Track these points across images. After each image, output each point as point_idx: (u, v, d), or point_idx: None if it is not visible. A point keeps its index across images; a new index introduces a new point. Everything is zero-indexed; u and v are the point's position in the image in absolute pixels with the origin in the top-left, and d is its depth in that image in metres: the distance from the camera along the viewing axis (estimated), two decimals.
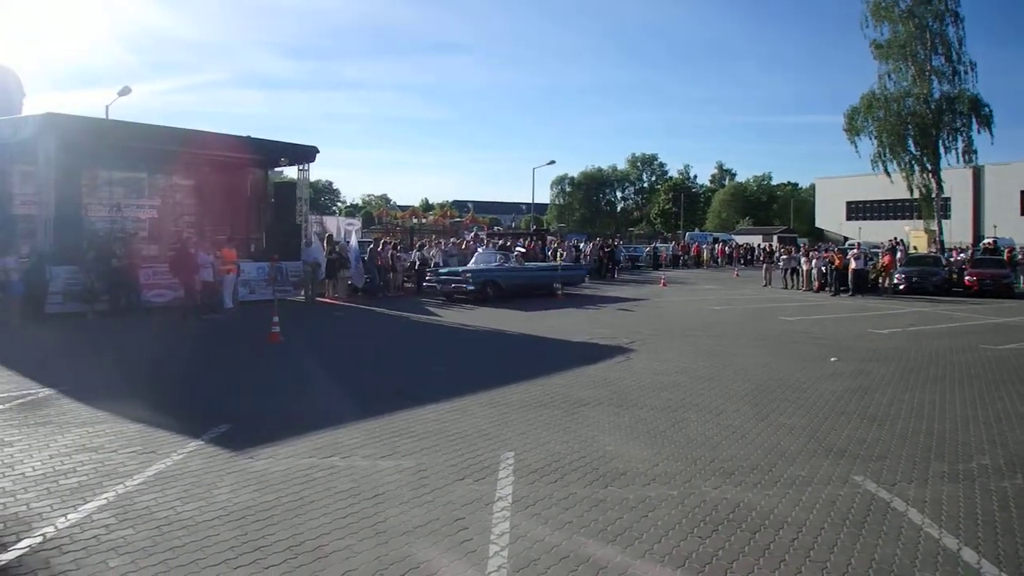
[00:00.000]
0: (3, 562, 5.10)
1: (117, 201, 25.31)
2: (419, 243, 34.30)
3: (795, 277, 33.30)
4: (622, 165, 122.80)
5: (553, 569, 5.13)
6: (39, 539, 5.46)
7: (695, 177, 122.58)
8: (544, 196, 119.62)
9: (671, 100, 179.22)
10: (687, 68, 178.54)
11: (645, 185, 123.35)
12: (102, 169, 24.67)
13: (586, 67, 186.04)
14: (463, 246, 32.72)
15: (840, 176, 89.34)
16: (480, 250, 30.59)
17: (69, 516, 5.90)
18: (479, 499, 6.44)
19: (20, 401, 9.88)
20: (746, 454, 7.89)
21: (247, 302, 21.61)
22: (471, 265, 26.95)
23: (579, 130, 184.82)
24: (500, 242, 35.33)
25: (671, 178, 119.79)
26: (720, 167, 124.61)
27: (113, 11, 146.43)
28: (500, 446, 8.03)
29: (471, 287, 24.78)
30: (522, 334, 17.21)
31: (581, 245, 43.48)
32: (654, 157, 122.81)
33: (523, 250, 33.31)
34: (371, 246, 28.58)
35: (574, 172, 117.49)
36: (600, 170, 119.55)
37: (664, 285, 33.88)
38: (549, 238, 46.43)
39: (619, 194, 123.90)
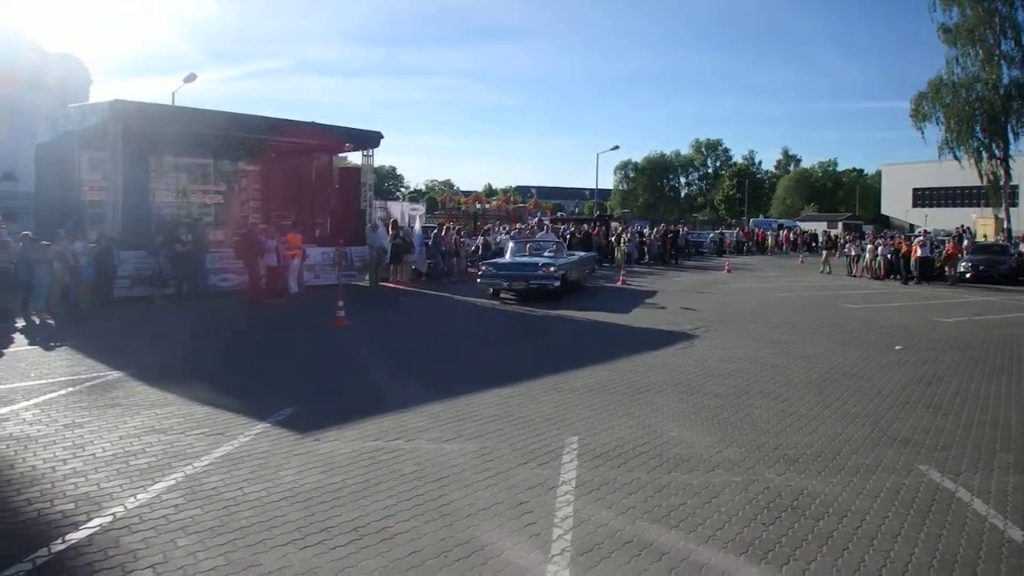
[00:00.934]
0: (74, 540, 5.16)
1: (183, 187, 25.78)
2: (483, 228, 34.25)
3: (859, 264, 32.63)
4: (686, 150, 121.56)
5: (616, 553, 5.08)
6: (109, 518, 5.52)
7: (760, 163, 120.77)
8: (608, 182, 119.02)
9: (736, 85, 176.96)
10: (753, 53, 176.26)
11: (709, 171, 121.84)
12: (168, 155, 25.14)
13: (652, 51, 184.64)
14: (527, 231, 32.55)
15: (907, 163, 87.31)
16: (540, 234, 30.38)
17: (138, 496, 5.96)
18: (543, 483, 6.39)
19: (90, 383, 10.05)
20: (810, 442, 7.72)
21: (312, 286, 21.77)
22: (547, 256, 22.36)
23: (643, 115, 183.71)
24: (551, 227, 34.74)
25: (735, 164, 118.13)
26: (785, 153, 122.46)
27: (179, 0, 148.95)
28: (564, 430, 7.96)
29: (555, 283, 20.25)
30: (585, 319, 17.05)
31: (645, 231, 43.05)
32: (719, 142, 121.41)
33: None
34: (435, 231, 28.67)
35: (638, 158, 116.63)
36: (663, 155, 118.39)
37: (728, 272, 33.40)
38: (613, 224, 46.11)
39: (683, 180, 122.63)
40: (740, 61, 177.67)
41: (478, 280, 20.81)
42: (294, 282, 20.57)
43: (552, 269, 20.34)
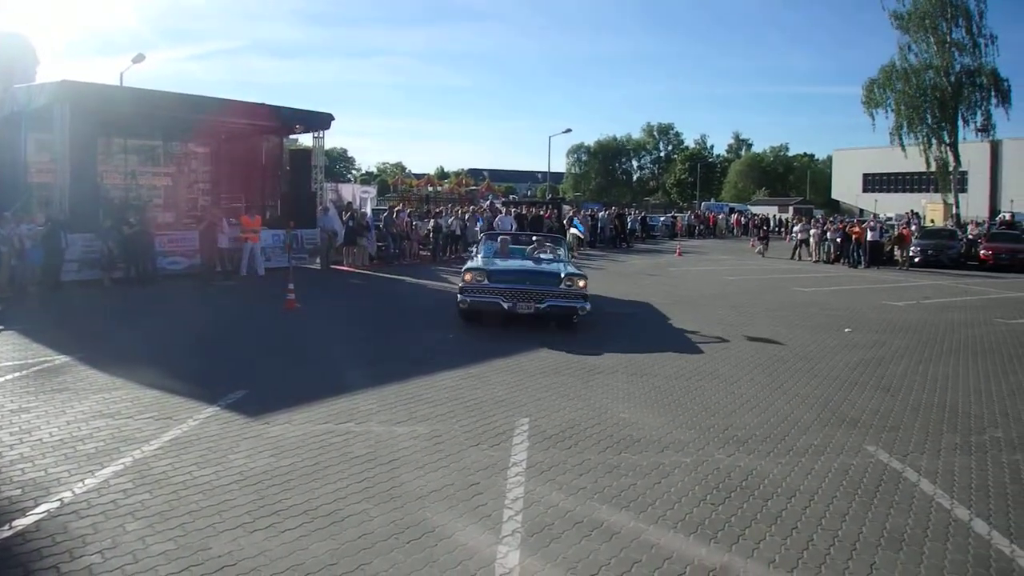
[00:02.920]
0: (21, 527, 5.13)
1: (132, 169, 25.37)
2: (436, 211, 34.15)
3: (806, 248, 33.16)
4: (637, 134, 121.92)
5: (567, 534, 5.17)
6: (57, 504, 5.50)
7: (712, 147, 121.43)
8: (560, 165, 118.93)
9: (688, 69, 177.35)
10: (707, 37, 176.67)
11: (661, 155, 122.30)
12: (117, 137, 24.71)
13: (602, 36, 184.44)
14: (480, 213, 32.50)
15: (858, 148, 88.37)
16: (499, 218, 30.27)
17: (86, 481, 5.94)
18: (494, 465, 6.48)
19: (37, 368, 9.92)
20: (759, 423, 7.92)
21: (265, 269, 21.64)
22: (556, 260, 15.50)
23: (595, 99, 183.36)
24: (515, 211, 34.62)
25: (687, 148, 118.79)
26: (737, 137, 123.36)
27: None
28: (515, 412, 8.07)
29: (585, 306, 13.35)
30: None
31: (600, 215, 43.17)
32: (670, 126, 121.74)
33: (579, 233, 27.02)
34: (386, 213, 28.58)
35: (590, 141, 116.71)
36: (615, 139, 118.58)
37: (680, 255, 33.74)
38: (565, 207, 46.23)
39: (635, 163, 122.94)
40: (694, 45, 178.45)
41: (458, 297, 13.49)
42: (246, 265, 20.43)
43: (582, 284, 13.49)
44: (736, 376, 10.02)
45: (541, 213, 35.89)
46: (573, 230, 29.09)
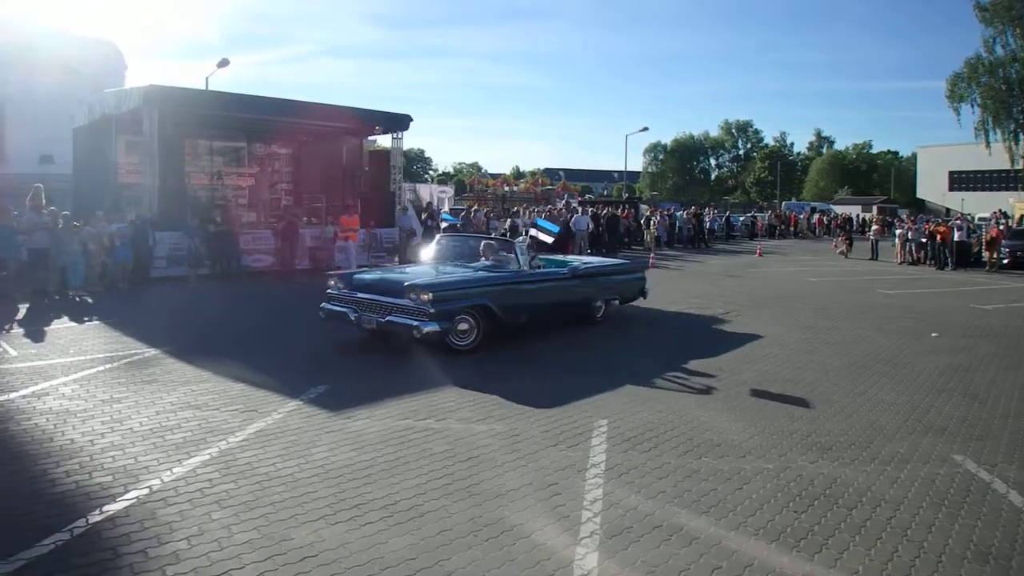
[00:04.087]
0: (112, 512, 5.28)
1: (218, 169, 26.05)
2: (512, 210, 34.23)
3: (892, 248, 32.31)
4: (715, 132, 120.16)
5: (646, 537, 5.09)
6: (146, 491, 5.64)
7: (792, 145, 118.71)
8: (636, 164, 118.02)
9: (765, 65, 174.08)
10: (782, 31, 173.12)
11: (740, 153, 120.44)
12: (203, 139, 25.42)
13: (679, 32, 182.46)
14: (556, 213, 32.45)
15: (943, 145, 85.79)
16: (575, 218, 30.02)
17: (174, 470, 6.09)
18: (572, 465, 6.42)
19: (127, 360, 10.23)
20: (843, 429, 7.67)
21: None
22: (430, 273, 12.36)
23: (672, 96, 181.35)
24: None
25: (767, 145, 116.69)
26: (818, 134, 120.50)
27: None
28: (593, 413, 7.97)
29: (426, 327, 10.39)
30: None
31: (678, 214, 42.67)
32: (749, 123, 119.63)
33: (546, 235, 19.70)
34: (462, 213, 28.74)
35: (667, 139, 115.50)
36: (692, 137, 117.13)
37: (760, 255, 33.17)
38: (642, 206, 45.90)
39: (713, 162, 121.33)
40: (772, 39, 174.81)
41: (320, 306, 11.99)
42: (346, 263, 20.61)
43: (427, 297, 10.52)
44: (819, 381, 9.76)
45: (618, 213, 35.71)
46: (534, 231, 21.44)
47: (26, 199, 17.28)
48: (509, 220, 30.26)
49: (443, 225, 24.64)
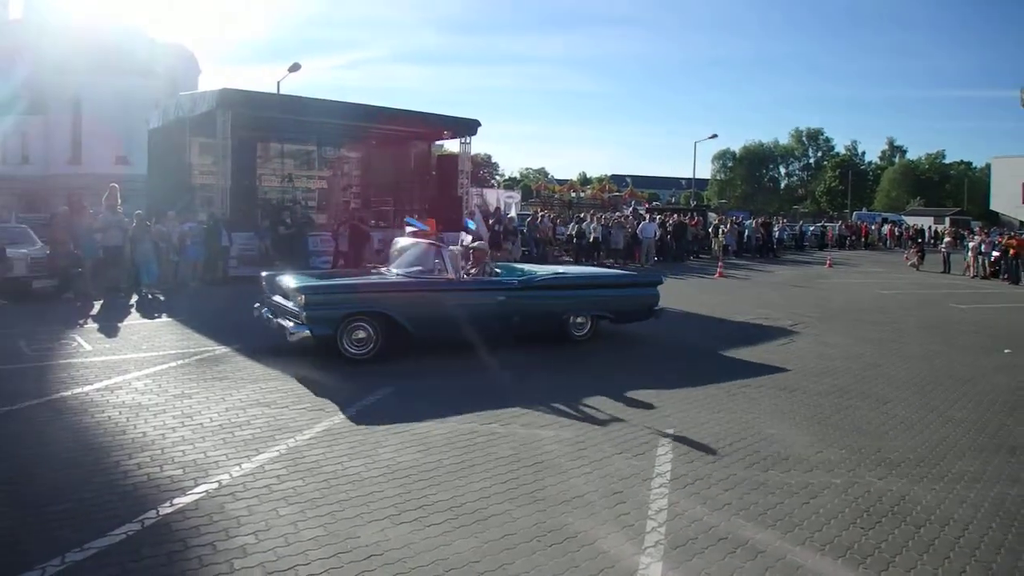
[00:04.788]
0: (181, 504, 5.37)
1: (289, 172, 26.45)
2: (578, 215, 34.15)
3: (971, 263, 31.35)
4: (785, 139, 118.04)
5: (711, 549, 5.01)
6: (215, 485, 5.74)
7: (863, 154, 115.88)
8: (704, 171, 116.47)
9: (836, 72, 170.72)
10: (852, 38, 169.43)
11: (810, 161, 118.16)
12: (274, 141, 25.84)
13: (750, 36, 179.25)
14: (623, 220, 32.26)
15: (1018, 156, 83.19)
16: (642, 225, 29.76)
17: (243, 465, 6.18)
18: (637, 474, 6.34)
19: (198, 357, 10.44)
20: (913, 446, 7.45)
21: None
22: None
23: (741, 103, 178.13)
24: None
25: (837, 154, 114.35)
26: (890, 143, 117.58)
27: None
28: (659, 422, 7.87)
29: (302, 330, 10.08)
30: (680, 311, 16.83)
31: (747, 223, 42.05)
32: (819, 132, 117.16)
33: (470, 240, 13.48)
34: (529, 219, 28.74)
35: (736, 147, 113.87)
36: (762, 144, 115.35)
37: (830, 266, 32.56)
38: (710, 214, 45.40)
39: (782, 170, 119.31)
40: (842, 46, 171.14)
41: (254, 305, 11.82)
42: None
43: (302, 299, 10.18)
44: (888, 396, 9.50)
45: (685, 220, 35.39)
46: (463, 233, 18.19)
47: (102, 198, 17.77)
48: (575, 226, 30.19)
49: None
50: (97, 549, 4.71)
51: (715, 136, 65.96)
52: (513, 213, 28.69)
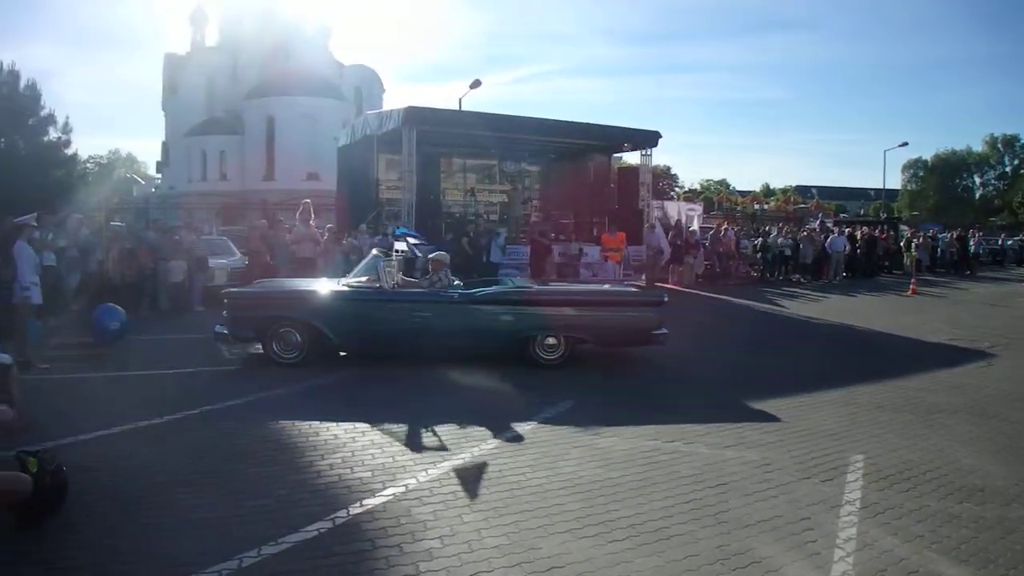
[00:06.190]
0: (371, 505, 5.58)
1: (471, 186, 27.08)
2: (763, 228, 33.26)
3: None
4: (978, 147, 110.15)
5: None
6: (402, 489, 5.91)
7: None
8: (894, 181, 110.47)
9: None
10: None
11: (1007, 170, 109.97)
12: (457, 156, 26.52)
13: (939, 38, 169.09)
14: (811, 234, 31.02)
15: None
16: (831, 239, 28.61)
17: (429, 471, 6.34)
18: (825, 500, 6.06)
19: (383, 366, 10.81)
20: None
21: None
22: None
23: (932, 109, 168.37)
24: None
25: None
26: None
27: (461, 9, 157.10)
28: (848, 447, 7.51)
29: (219, 329, 10.95)
30: (871, 330, 16.08)
31: (941, 236, 39.61)
32: (1016, 138, 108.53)
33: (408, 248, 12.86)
34: (712, 232, 28.20)
35: (927, 155, 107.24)
36: (955, 152, 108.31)
37: None
38: (902, 227, 43.18)
39: (977, 179, 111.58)
40: None
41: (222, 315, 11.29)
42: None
43: (225, 303, 11.19)
44: None
45: (876, 234, 33.80)
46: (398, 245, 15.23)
47: (296, 213, 18.75)
48: (760, 239, 29.39)
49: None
50: (290, 544, 4.95)
51: (905, 144, 62.00)
52: (695, 226, 28.11)
